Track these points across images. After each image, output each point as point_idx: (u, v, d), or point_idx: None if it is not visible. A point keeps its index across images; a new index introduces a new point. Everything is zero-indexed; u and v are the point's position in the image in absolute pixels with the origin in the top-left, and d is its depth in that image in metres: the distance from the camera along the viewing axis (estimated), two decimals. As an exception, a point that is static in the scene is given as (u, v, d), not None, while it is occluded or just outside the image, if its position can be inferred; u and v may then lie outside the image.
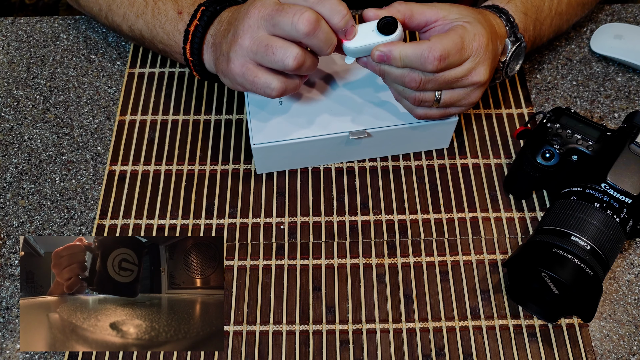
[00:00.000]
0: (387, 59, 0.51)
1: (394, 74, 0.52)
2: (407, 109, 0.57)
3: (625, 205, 0.51)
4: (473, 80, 0.53)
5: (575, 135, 0.55)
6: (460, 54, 0.51)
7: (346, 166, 0.63)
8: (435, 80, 0.51)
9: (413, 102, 0.54)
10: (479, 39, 0.52)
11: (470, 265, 0.57)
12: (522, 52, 0.59)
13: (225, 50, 0.53)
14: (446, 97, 0.54)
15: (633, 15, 0.74)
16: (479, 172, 0.62)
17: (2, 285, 0.56)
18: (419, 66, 0.50)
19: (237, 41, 0.51)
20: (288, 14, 0.49)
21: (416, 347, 0.53)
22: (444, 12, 0.53)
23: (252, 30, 0.50)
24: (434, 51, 0.49)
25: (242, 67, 0.52)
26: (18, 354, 0.53)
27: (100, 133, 0.65)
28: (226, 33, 0.53)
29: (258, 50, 0.50)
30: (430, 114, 0.56)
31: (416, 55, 0.50)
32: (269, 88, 0.52)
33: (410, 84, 0.52)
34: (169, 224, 0.59)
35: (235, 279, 0.56)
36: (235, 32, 0.52)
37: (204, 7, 0.57)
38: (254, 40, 0.50)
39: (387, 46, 0.51)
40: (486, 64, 0.53)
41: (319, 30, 0.49)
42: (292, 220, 0.59)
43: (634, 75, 0.69)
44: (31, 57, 0.71)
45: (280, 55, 0.50)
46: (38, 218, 0.60)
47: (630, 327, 0.54)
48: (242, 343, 0.53)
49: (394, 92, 0.57)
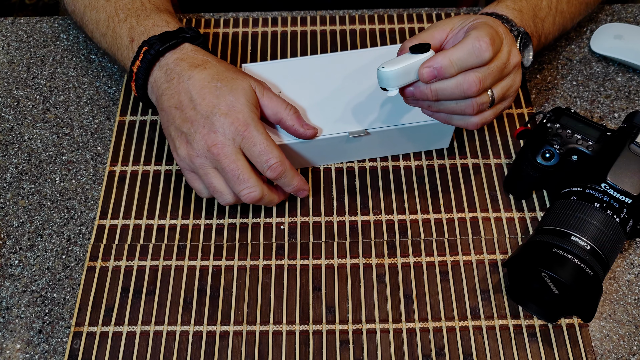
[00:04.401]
0: (438, 72, 0.48)
1: (449, 88, 0.49)
2: (461, 125, 0.54)
3: (625, 205, 0.51)
4: (514, 62, 0.52)
5: (575, 135, 0.55)
6: (498, 36, 0.50)
7: (346, 166, 0.63)
8: (491, 72, 0.50)
9: (472, 111, 0.52)
10: (498, 24, 0.52)
11: (470, 265, 0.57)
12: (529, 42, 0.58)
13: (174, 138, 0.54)
14: (497, 90, 0.52)
15: (633, 15, 0.74)
16: (479, 172, 0.62)
17: (2, 285, 0.56)
18: (474, 60, 0.48)
19: (188, 150, 0.53)
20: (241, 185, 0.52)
21: (416, 347, 0.53)
22: (448, 25, 0.53)
23: (205, 160, 0.53)
24: (481, 38, 0.48)
25: (184, 169, 0.55)
26: (18, 354, 0.53)
27: (100, 133, 0.65)
28: (177, 115, 0.53)
29: (203, 178, 0.54)
30: (487, 117, 0.54)
31: (468, 51, 0.48)
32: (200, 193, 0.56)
33: (472, 88, 0.49)
34: (169, 224, 0.59)
35: (235, 279, 0.56)
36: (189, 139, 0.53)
37: (147, 47, 0.56)
38: (203, 168, 0.53)
39: (433, 59, 0.48)
40: (514, 44, 0.53)
41: (260, 201, 0.54)
42: (292, 220, 0.59)
43: (634, 75, 0.69)
44: (31, 57, 0.71)
45: (218, 196, 0.54)
46: (38, 218, 0.60)
47: (630, 327, 0.54)
48: (242, 343, 0.53)
49: (441, 117, 0.54)
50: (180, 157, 0.54)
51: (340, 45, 0.72)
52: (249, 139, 0.52)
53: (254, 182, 0.52)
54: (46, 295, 0.55)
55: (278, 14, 0.74)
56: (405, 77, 0.49)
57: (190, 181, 0.55)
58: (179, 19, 0.73)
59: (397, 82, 0.49)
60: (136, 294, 0.55)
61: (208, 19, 0.74)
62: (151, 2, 0.61)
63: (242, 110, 0.52)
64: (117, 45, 0.60)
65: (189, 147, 0.53)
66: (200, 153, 0.52)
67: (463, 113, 0.52)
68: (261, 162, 0.52)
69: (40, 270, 0.57)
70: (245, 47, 0.72)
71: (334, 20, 0.74)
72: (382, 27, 0.73)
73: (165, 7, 0.62)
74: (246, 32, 0.73)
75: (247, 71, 0.62)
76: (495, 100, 0.52)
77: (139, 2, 0.61)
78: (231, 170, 0.52)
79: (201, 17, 0.74)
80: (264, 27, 0.73)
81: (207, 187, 0.54)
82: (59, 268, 0.57)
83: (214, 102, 0.52)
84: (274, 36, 0.72)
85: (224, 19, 0.74)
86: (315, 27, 0.73)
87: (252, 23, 0.74)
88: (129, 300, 0.55)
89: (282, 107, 0.55)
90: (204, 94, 0.53)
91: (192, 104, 0.53)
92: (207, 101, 0.52)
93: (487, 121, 0.54)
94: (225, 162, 0.52)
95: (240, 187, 0.52)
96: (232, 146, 0.52)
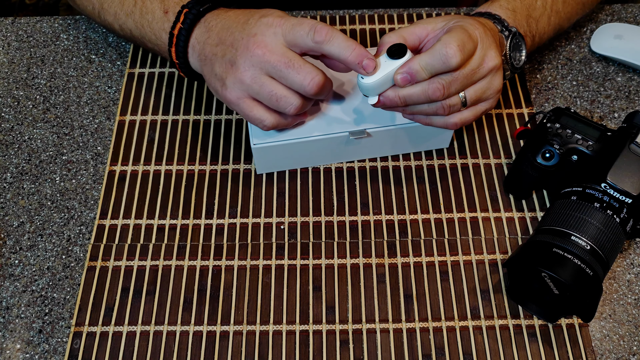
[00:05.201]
0: (411, 77, 0.50)
1: (415, 94, 0.51)
2: (442, 126, 0.55)
3: (625, 205, 0.51)
4: (489, 67, 0.52)
5: (575, 135, 0.55)
6: (471, 41, 0.50)
7: (346, 166, 0.63)
8: (456, 79, 0.51)
9: (443, 112, 0.53)
10: (477, 26, 0.52)
11: (470, 265, 0.57)
12: (521, 42, 0.58)
13: (220, 74, 0.53)
14: (470, 94, 0.53)
15: (633, 15, 0.74)
16: (479, 172, 0.62)
17: (2, 285, 0.56)
18: (441, 66, 0.49)
19: (235, 73, 0.52)
20: (299, 74, 0.50)
21: (416, 347, 0.53)
22: (431, 25, 0.54)
23: (255, 70, 0.51)
24: (449, 45, 0.49)
25: (239, 99, 0.53)
26: (18, 354, 0.53)
27: (100, 133, 0.65)
28: (218, 51, 0.53)
29: (260, 92, 0.52)
30: (465, 118, 0.54)
31: (436, 57, 0.49)
32: (262, 123, 0.54)
33: (435, 94, 0.50)
34: (169, 224, 0.59)
35: (235, 279, 0.56)
36: (233, 60, 0.52)
37: (187, 9, 0.56)
38: (256, 81, 0.51)
39: (406, 65, 0.50)
40: (493, 47, 0.52)
41: (324, 88, 0.52)
42: (292, 221, 0.59)
43: (634, 75, 0.69)
44: (31, 57, 0.71)
45: (282, 104, 0.52)
46: (38, 218, 0.60)
47: (630, 327, 0.54)
48: (242, 343, 0.53)
49: (421, 119, 0.55)
50: (230, 88, 0.52)
51: (340, 45, 0.72)
52: (287, 27, 0.50)
53: (310, 67, 0.51)
54: (46, 295, 0.55)
55: (278, 14, 0.74)
56: (384, 85, 0.51)
57: (249, 111, 0.53)
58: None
59: (377, 90, 0.52)
60: (136, 294, 0.55)
61: (208, 19, 0.74)
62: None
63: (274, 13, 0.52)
64: (147, 20, 0.60)
65: (235, 70, 0.52)
66: (248, 64, 0.51)
67: (436, 114, 0.53)
68: (308, 34, 0.50)
69: (40, 270, 0.57)
70: (245, 47, 0.71)
71: (334, 20, 0.74)
72: (382, 27, 0.73)
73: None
74: (246, 32, 0.73)
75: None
76: (467, 102, 0.53)
77: None
78: (283, 63, 0.50)
79: (201, 17, 0.74)
80: (264, 27, 0.73)
81: (268, 100, 0.52)
82: (59, 268, 0.57)
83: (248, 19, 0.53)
84: (274, 36, 0.72)
85: (224, 19, 0.74)
86: (315, 27, 0.73)
87: (252, 23, 0.73)
88: (129, 300, 0.55)
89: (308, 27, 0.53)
90: (239, 20, 0.53)
91: (230, 30, 0.53)
92: (241, 24, 0.53)
93: (468, 121, 0.55)
94: (274, 58, 0.50)
95: (301, 76, 0.50)
96: (275, 39, 0.51)
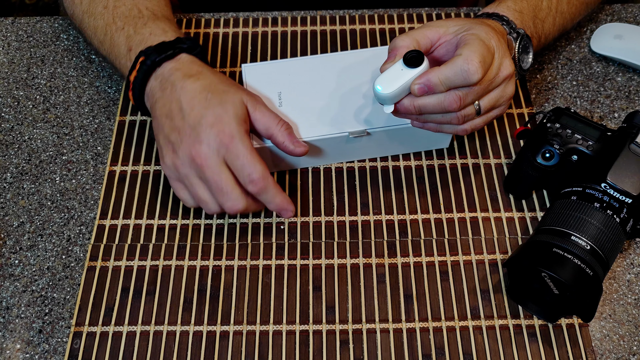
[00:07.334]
0: (429, 89, 0.49)
1: (431, 105, 0.51)
2: (452, 132, 0.55)
3: (625, 205, 0.51)
4: (503, 75, 0.52)
5: (575, 135, 0.55)
6: (490, 54, 0.50)
7: (346, 166, 0.63)
8: (474, 91, 0.50)
9: (457, 122, 0.53)
10: (492, 35, 0.52)
11: (470, 265, 0.57)
12: (529, 44, 0.58)
13: (173, 139, 0.53)
14: (484, 103, 0.53)
15: (633, 15, 0.74)
16: (479, 172, 0.62)
17: (2, 285, 0.56)
18: (462, 82, 0.49)
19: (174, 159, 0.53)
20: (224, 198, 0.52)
21: (416, 347, 0.53)
22: (443, 27, 0.53)
23: (190, 170, 0.52)
24: (472, 60, 0.48)
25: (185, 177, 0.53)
26: (18, 354, 0.53)
27: (100, 133, 0.65)
28: (166, 123, 0.53)
29: (189, 188, 0.53)
30: (476, 124, 0.54)
31: (456, 72, 0.48)
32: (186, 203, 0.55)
33: (452, 106, 0.50)
34: (169, 224, 0.59)
35: (235, 279, 0.56)
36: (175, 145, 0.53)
37: (143, 58, 0.56)
38: (188, 177, 0.53)
39: (424, 76, 0.49)
40: (507, 55, 0.52)
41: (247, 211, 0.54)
42: (292, 220, 0.59)
43: (634, 75, 0.69)
44: (31, 57, 0.71)
45: (204, 206, 0.54)
46: (38, 218, 0.60)
47: (630, 327, 0.54)
48: (242, 343, 0.53)
49: (431, 127, 0.55)
50: (167, 165, 0.54)
51: (340, 45, 0.72)
52: (233, 151, 0.51)
53: (237, 194, 0.52)
54: (46, 295, 0.55)
55: (278, 14, 0.74)
56: (401, 94, 0.51)
57: (177, 190, 0.55)
58: (179, 20, 0.74)
59: (394, 100, 0.52)
60: (136, 294, 0.55)
61: (208, 19, 0.74)
62: (149, 9, 0.61)
63: (228, 122, 0.52)
64: (115, 54, 0.60)
65: (174, 156, 0.53)
66: (186, 163, 0.52)
67: (449, 123, 0.53)
68: (243, 175, 0.52)
69: (40, 270, 0.57)
70: (245, 47, 0.72)
71: (334, 20, 0.74)
72: (382, 27, 0.73)
73: (163, 14, 0.62)
74: (246, 32, 0.73)
75: (247, 71, 0.62)
76: (482, 110, 0.53)
77: (137, 9, 0.60)
78: (214, 182, 0.51)
79: (201, 17, 0.74)
80: (264, 27, 0.73)
81: (192, 197, 0.54)
82: (59, 268, 0.57)
83: (202, 112, 0.52)
84: (274, 36, 0.72)
85: (224, 19, 0.74)
86: (315, 27, 0.73)
87: (252, 23, 0.74)
88: (129, 300, 0.55)
89: (274, 122, 0.54)
90: (193, 104, 0.52)
91: (181, 113, 0.53)
92: (195, 111, 0.52)
93: (478, 127, 0.55)
94: (208, 174, 0.51)
95: (223, 199, 0.52)
96: (216, 158, 0.51)
